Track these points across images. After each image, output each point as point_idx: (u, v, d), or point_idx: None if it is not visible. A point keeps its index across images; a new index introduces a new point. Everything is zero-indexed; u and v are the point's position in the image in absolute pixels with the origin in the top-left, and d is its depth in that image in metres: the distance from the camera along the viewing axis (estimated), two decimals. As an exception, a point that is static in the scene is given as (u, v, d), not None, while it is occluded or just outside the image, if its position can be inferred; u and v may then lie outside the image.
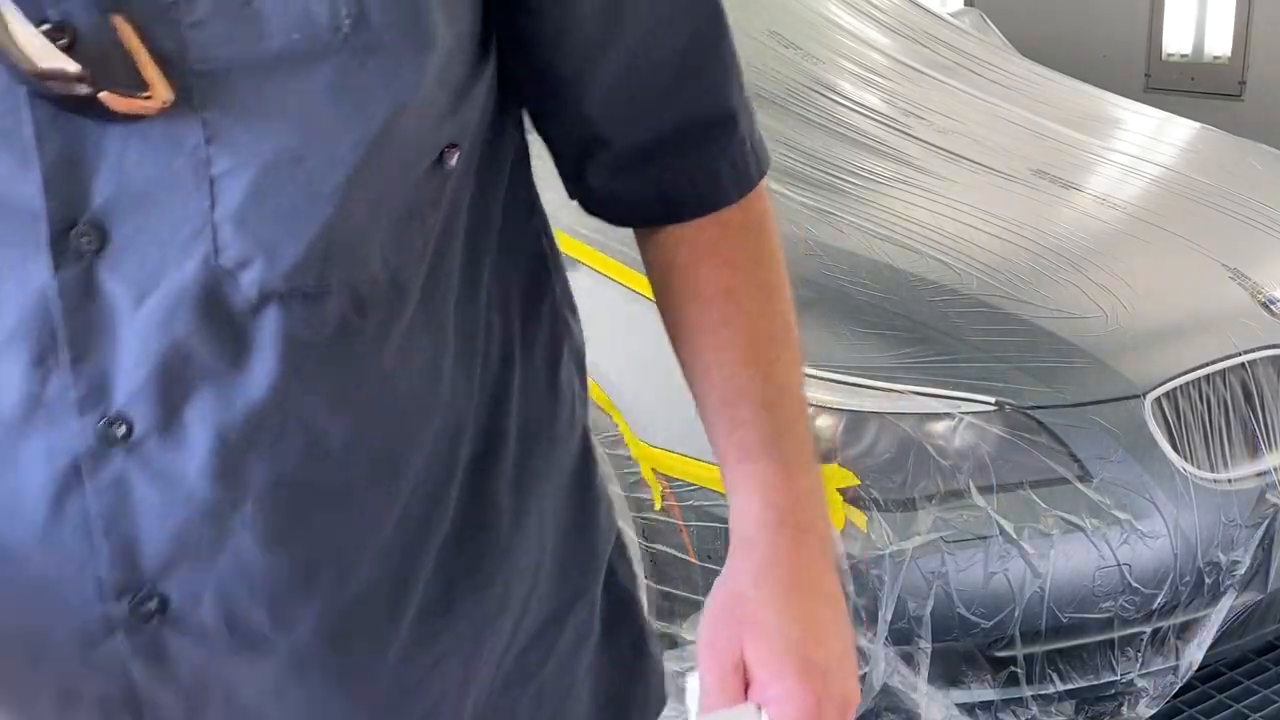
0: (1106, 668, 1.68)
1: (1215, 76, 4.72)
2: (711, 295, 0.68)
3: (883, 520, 1.58)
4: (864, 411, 1.64)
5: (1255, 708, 1.99)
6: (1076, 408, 1.65)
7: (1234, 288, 1.91)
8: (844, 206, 2.09)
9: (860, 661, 1.63)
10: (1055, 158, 2.46)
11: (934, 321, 1.76)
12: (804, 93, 2.64)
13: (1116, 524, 1.59)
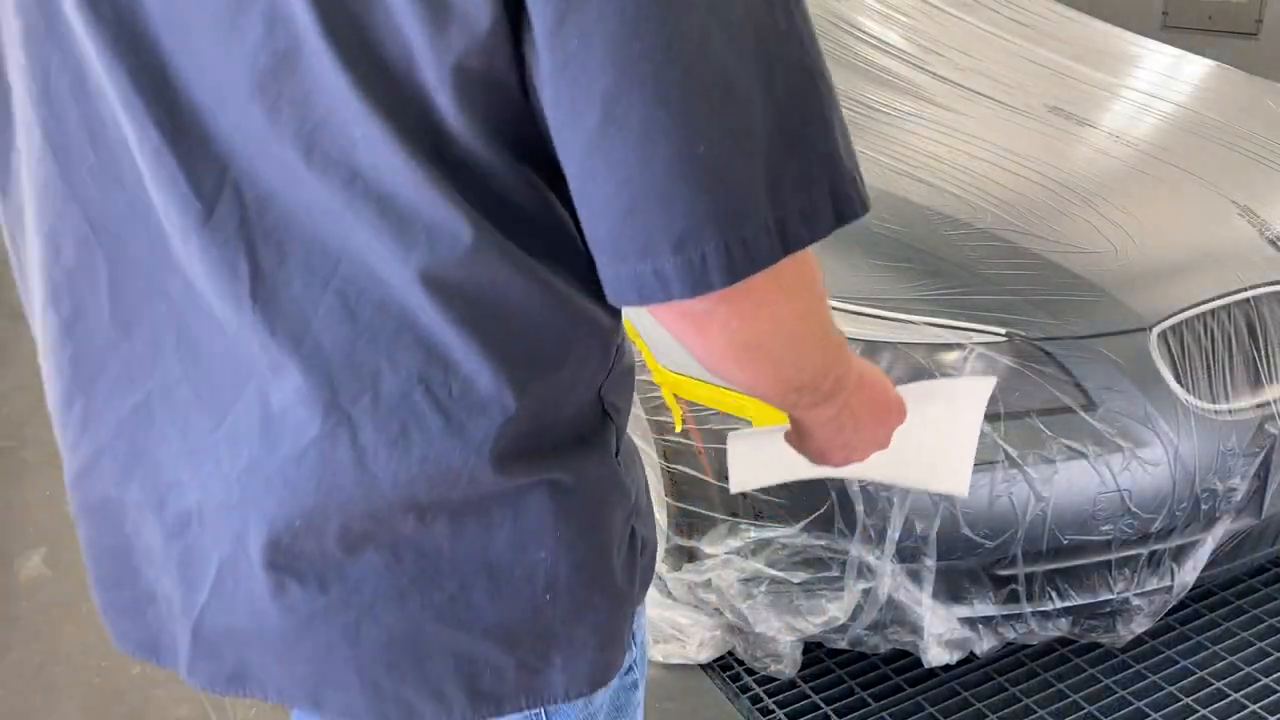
0: (1104, 587, 1.74)
1: (1232, 15, 4.67)
2: None
3: (893, 445, 1.64)
4: (878, 341, 1.68)
5: (1245, 626, 2.06)
6: (1084, 339, 1.68)
7: (1242, 224, 1.92)
8: (863, 141, 2.11)
9: (868, 577, 1.70)
10: (1071, 95, 2.46)
11: (948, 255, 1.78)
12: (826, 28, 2.64)
13: (1118, 451, 1.64)
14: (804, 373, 0.73)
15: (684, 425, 1.83)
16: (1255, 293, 1.80)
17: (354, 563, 0.71)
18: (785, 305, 0.68)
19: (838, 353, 0.76)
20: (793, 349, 0.71)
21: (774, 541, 1.74)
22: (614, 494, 0.78)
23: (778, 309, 0.67)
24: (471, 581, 0.72)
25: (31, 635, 2.27)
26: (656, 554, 0.88)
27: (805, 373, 0.73)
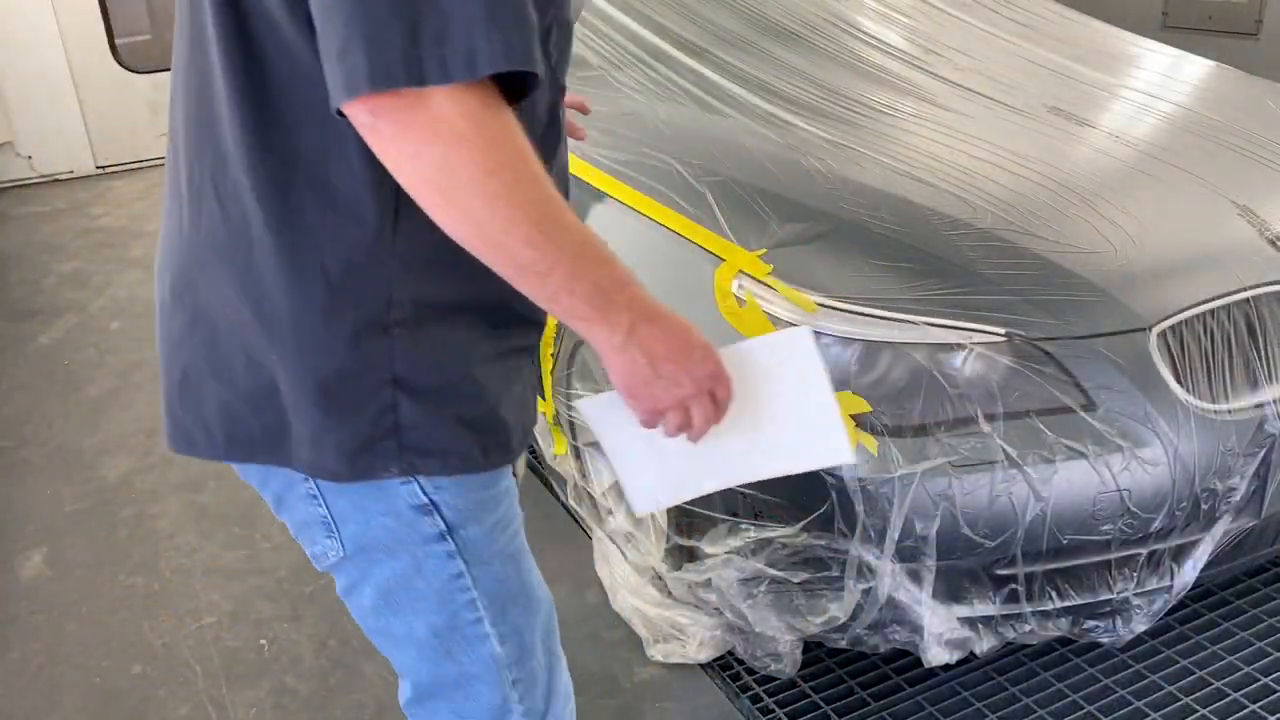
0: (1103, 586, 1.74)
1: (1232, 15, 4.67)
2: None
3: (893, 445, 1.63)
4: (878, 341, 1.68)
5: (1244, 626, 2.06)
6: (1084, 339, 1.68)
7: (1242, 224, 1.92)
8: (863, 141, 2.11)
9: (868, 577, 1.70)
10: (1071, 95, 2.46)
11: (948, 255, 1.78)
12: (826, 29, 2.64)
13: (1118, 451, 1.64)
14: (513, 242, 0.84)
15: (684, 425, 1.83)
16: (1255, 293, 1.80)
17: (177, 310, 1.00)
18: (458, 150, 0.81)
19: (564, 241, 0.86)
20: (486, 205, 0.82)
21: (774, 541, 1.74)
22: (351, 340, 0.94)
23: (449, 151, 0.81)
24: (234, 352, 0.96)
25: (31, 635, 2.27)
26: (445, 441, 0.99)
27: (515, 243, 0.84)
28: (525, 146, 0.84)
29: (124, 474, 2.92)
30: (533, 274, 0.86)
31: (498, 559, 1.07)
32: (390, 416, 0.96)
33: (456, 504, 1.03)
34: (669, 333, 0.94)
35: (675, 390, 0.95)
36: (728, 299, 1.77)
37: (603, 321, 0.90)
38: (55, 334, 3.92)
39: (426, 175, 0.82)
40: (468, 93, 0.80)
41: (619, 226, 2.02)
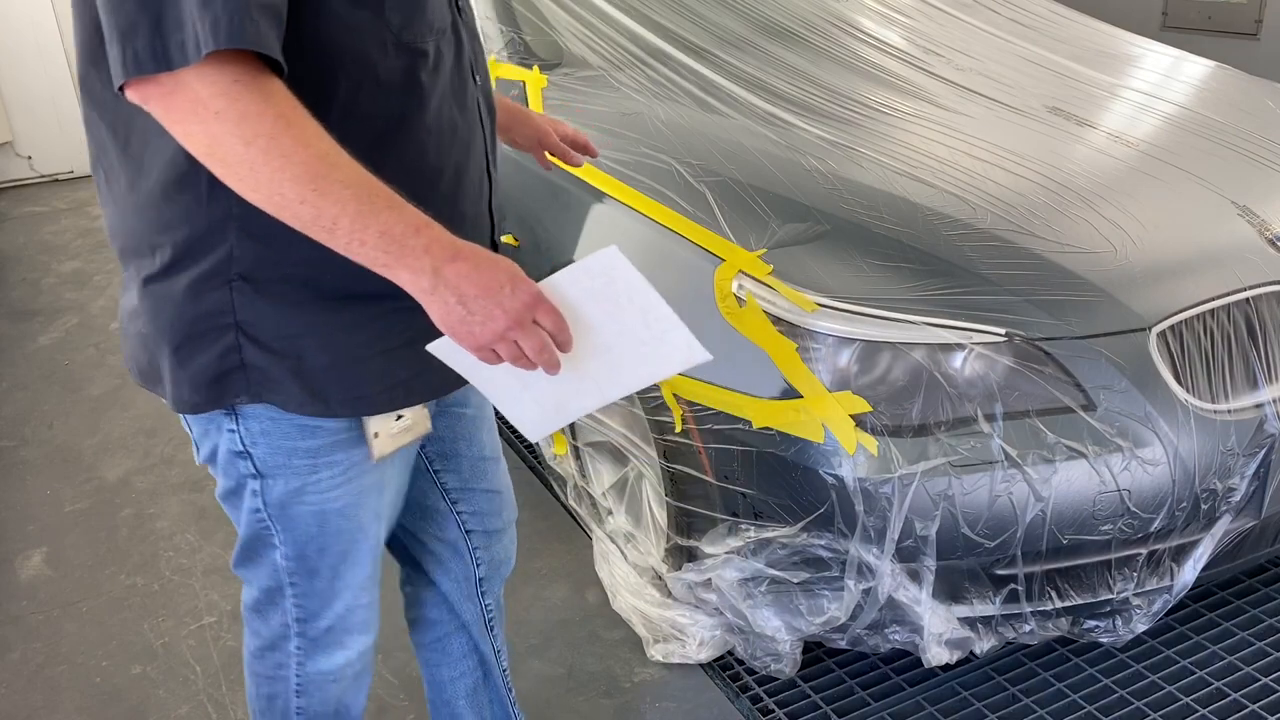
0: (1103, 586, 1.74)
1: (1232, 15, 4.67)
2: None
3: (893, 445, 1.64)
4: (877, 341, 1.68)
5: (1244, 626, 2.06)
6: (1083, 339, 1.69)
7: (1242, 224, 1.93)
8: (863, 141, 2.11)
9: (868, 577, 1.70)
10: (1071, 95, 2.46)
11: (948, 255, 1.78)
12: (826, 29, 2.64)
13: (1118, 451, 1.64)
14: (287, 201, 0.93)
15: (684, 425, 1.83)
16: (1255, 293, 1.80)
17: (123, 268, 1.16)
18: (216, 125, 0.90)
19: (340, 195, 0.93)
20: (251, 172, 0.92)
21: (774, 541, 1.75)
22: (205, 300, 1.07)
23: (209, 127, 0.91)
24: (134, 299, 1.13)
25: (31, 635, 2.27)
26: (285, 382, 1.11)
27: (290, 202, 0.93)
28: (286, 113, 0.92)
29: (124, 474, 2.92)
30: (320, 229, 0.94)
31: (306, 514, 1.20)
32: (236, 355, 1.09)
33: (269, 459, 1.16)
34: (477, 269, 0.98)
35: (492, 324, 0.99)
36: (728, 299, 1.77)
37: (403, 266, 0.96)
38: (55, 334, 3.93)
39: (201, 150, 0.93)
40: (217, 72, 0.89)
41: (619, 226, 2.02)
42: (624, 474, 2.27)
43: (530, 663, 2.11)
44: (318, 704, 1.38)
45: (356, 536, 1.26)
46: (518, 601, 2.30)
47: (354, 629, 1.33)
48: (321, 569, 1.26)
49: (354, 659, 1.36)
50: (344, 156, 0.94)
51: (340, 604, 1.30)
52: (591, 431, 2.26)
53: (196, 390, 1.11)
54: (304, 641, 1.32)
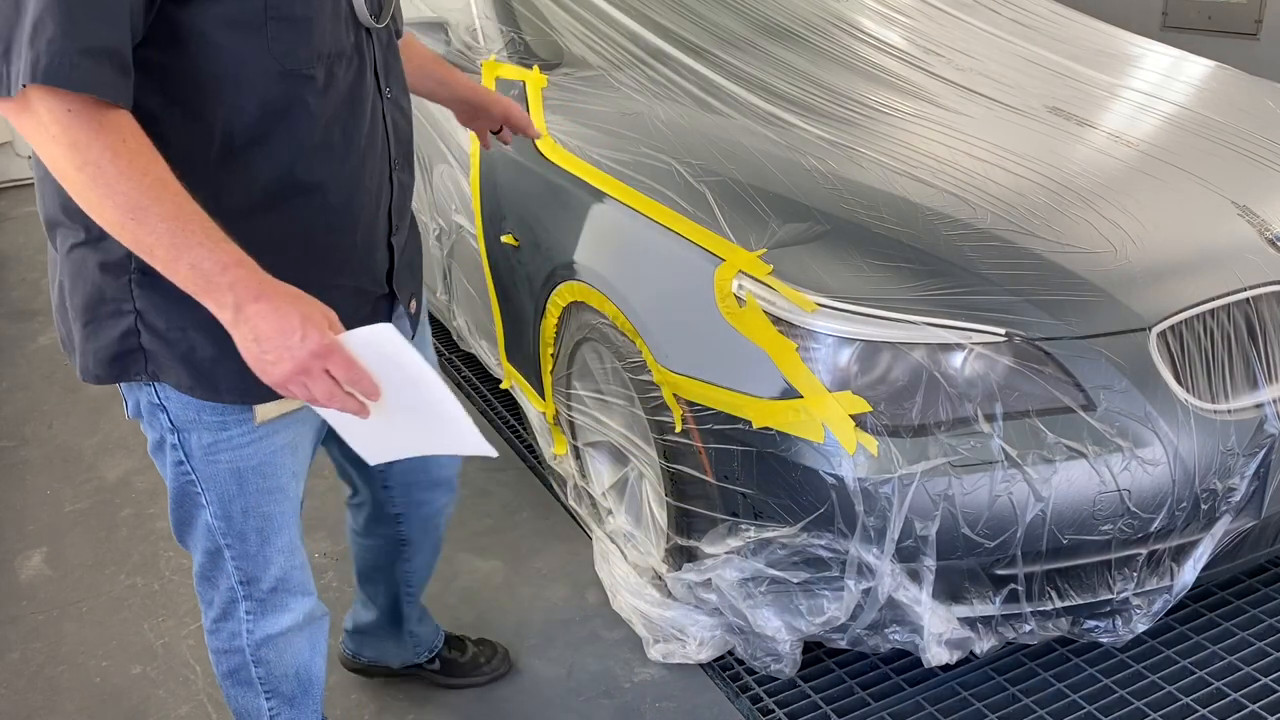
0: (1103, 586, 1.74)
1: (1232, 15, 4.67)
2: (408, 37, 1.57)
3: (893, 445, 1.64)
4: (877, 341, 1.68)
5: (1244, 626, 2.06)
6: (1083, 339, 1.68)
7: (1242, 224, 1.93)
8: (863, 141, 2.11)
9: (868, 577, 1.70)
10: (1071, 95, 2.46)
11: (948, 255, 1.78)
12: (826, 29, 2.64)
13: (1118, 451, 1.64)
14: (111, 225, 1.04)
15: (684, 425, 1.83)
16: (1255, 293, 1.80)
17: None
18: (52, 149, 1.01)
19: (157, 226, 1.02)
20: (81, 194, 1.03)
21: (774, 541, 1.75)
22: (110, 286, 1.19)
23: (48, 149, 1.02)
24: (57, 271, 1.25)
25: (31, 635, 2.27)
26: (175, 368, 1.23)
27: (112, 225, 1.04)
28: (114, 145, 1.01)
29: (124, 474, 2.92)
30: (141, 252, 1.05)
31: (221, 468, 1.32)
32: (134, 339, 1.22)
33: (181, 414, 1.28)
34: (275, 311, 1.07)
35: (281, 366, 1.08)
36: (728, 299, 1.77)
37: (209, 299, 1.07)
38: (55, 334, 3.93)
39: (48, 165, 1.04)
40: (55, 100, 0.99)
41: (619, 226, 2.02)
42: (624, 474, 2.27)
43: (530, 663, 2.11)
44: (277, 670, 1.50)
45: (277, 496, 1.36)
46: (518, 601, 2.30)
47: (294, 590, 1.45)
48: (249, 532, 1.37)
49: (300, 620, 1.48)
50: (170, 190, 1.03)
51: (276, 567, 1.41)
52: (591, 431, 2.27)
53: (100, 364, 1.24)
54: (252, 604, 1.43)
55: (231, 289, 1.06)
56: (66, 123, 1.00)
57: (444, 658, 2.04)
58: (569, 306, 2.17)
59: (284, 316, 1.07)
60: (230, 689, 1.52)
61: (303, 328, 1.07)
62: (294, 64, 1.16)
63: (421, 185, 2.90)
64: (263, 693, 1.52)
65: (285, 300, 1.08)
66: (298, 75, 1.17)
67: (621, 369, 2.01)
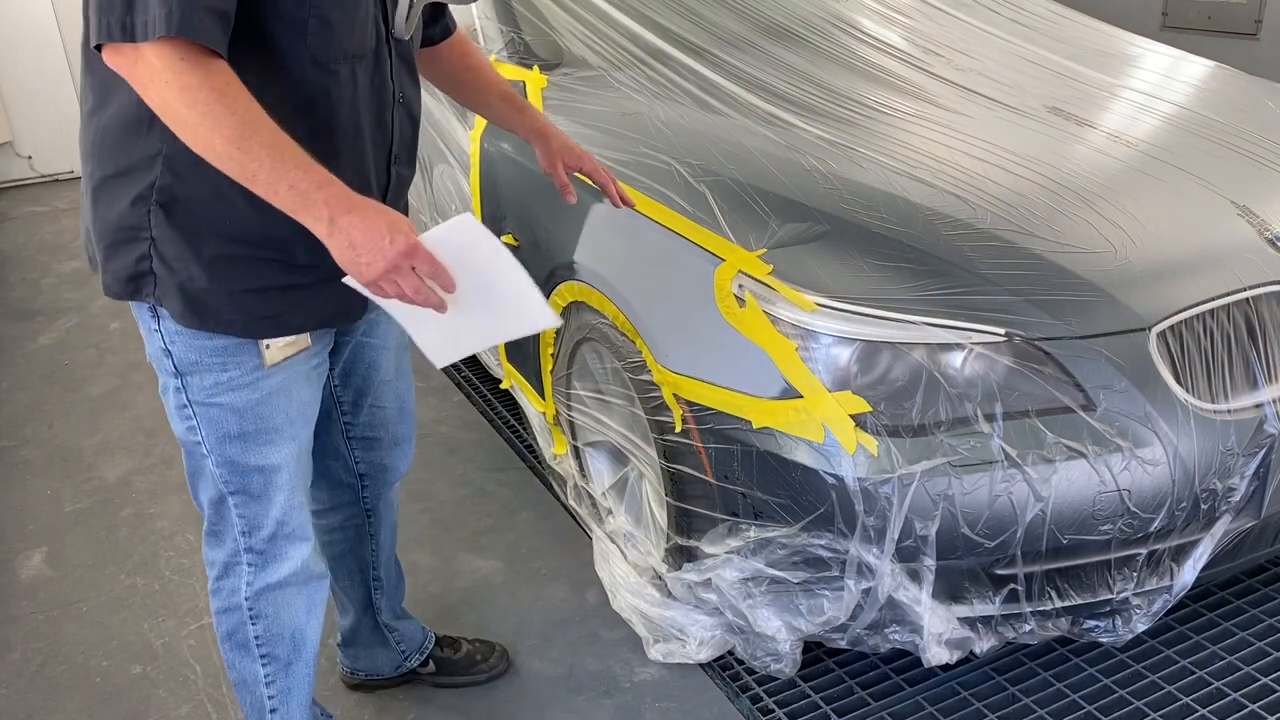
0: (1103, 586, 1.74)
1: (1232, 15, 4.67)
2: (481, 60, 1.80)
3: (893, 445, 1.64)
4: (877, 341, 1.68)
5: (1244, 626, 2.06)
6: (1083, 339, 1.69)
7: (1242, 224, 1.93)
8: (863, 141, 2.11)
9: (867, 577, 1.70)
10: (1071, 95, 2.46)
11: (948, 255, 1.78)
12: (826, 29, 2.64)
13: (1118, 451, 1.64)
14: (217, 155, 1.19)
15: (684, 425, 1.84)
16: (1254, 293, 1.80)
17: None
18: (165, 91, 1.17)
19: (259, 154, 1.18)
20: (190, 129, 1.18)
21: (774, 541, 1.75)
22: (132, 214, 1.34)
23: (160, 91, 1.17)
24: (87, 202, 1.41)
25: (31, 635, 2.27)
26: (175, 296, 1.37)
27: (218, 155, 1.19)
28: (220, 86, 1.17)
29: (124, 474, 2.92)
30: (244, 179, 1.20)
31: (218, 410, 1.44)
32: (147, 263, 1.37)
33: (185, 356, 1.42)
34: (365, 220, 1.22)
35: (375, 266, 1.22)
36: (728, 299, 1.77)
37: (307, 214, 1.21)
38: (55, 334, 3.93)
39: (156, 108, 1.19)
40: (170, 50, 1.15)
41: (619, 226, 2.02)
42: (624, 474, 2.27)
43: (530, 663, 2.11)
44: (274, 627, 1.59)
45: (273, 436, 1.48)
46: (518, 601, 2.30)
47: (293, 536, 1.55)
48: (249, 472, 1.49)
49: (298, 569, 1.57)
50: (267, 124, 1.19)
51: (276, 508, 1.52)
52: (591, 431, 2.27)
53: (118, 282, 1.39)
54: (253, 556, 1.54)
55: (326, 204, 1.21)
56: (179, 69, 1.15)
57: (437, 657, 2.04)
58: (569, 306, 2.17)
59: (373, 225, 1.22)
60: (229, 654, 1.62)
61: (390, 233, 1.22)
62: (325, 58, 1.33)
63: (422, 185, 2.90)
64: (259, 657, 1.60)
65: (373, 211, 1.23)
66: (326, 68, 1.33)
67: (621, 369, 2.01)
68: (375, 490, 1.83)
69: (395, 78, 1.48)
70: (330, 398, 1.70)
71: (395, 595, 1.98)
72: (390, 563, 1.94)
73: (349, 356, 1.68)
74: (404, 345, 1.76)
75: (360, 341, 1.67)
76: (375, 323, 1.67)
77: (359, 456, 1.79)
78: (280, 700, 1.64)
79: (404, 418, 1.81)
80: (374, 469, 1.81)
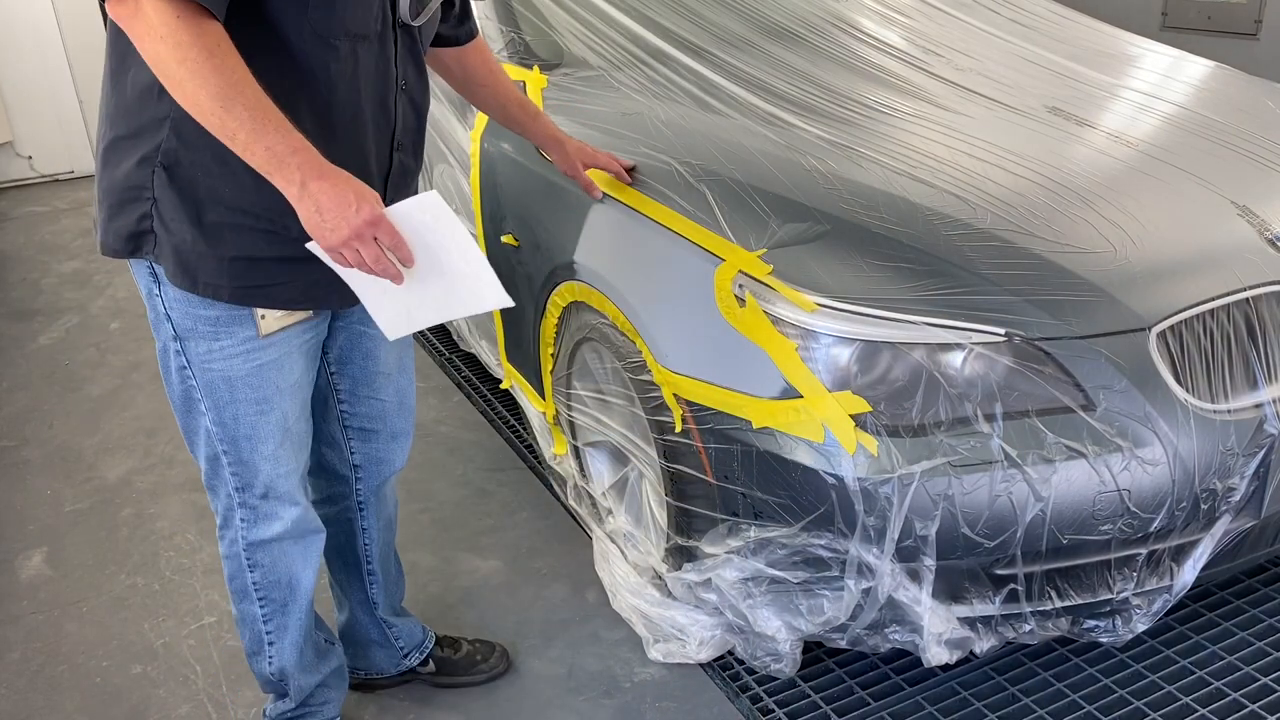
0: (1103, 586, 1.74)
1: (1232, 15, 4.67)
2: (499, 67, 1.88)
3: (893, 445, 1.64)
4: (877, 341, 1.68)
5: (1244, 626, 2.07)
6: (1083, 339, 1.68)
7: (1242, 224, 1.93)
8: (863, 141, 2.11)
9: (867, 576, 1.70)
10: (1071, 95, 2.46)
11: (948, 254, 1.78)
12: (826, 29, 2.64)
13: (1118, 451, 1.64)
14: (202, 111, 1.23)
15: (684, 425, 1.84)
16: (1254, 293, 1.80)
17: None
18: (159, 45, 1.22)
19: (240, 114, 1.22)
20: (179, 85, 1.23)
21: (774, 541, 1.75)
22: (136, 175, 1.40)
23: (155, 46, 1.22)
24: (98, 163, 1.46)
25: (31, 635, 2.27)
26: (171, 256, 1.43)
27: (203, 112, 1.23)
28: (210, 46, 1.22)
29: (124, 474, 2.92)
30: (225, 137, 1.25)
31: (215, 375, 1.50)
32: (148, 222, 1.42)
33: (183, 322, 1.48)
34: (334, 188, 1.27)
35: (338, 232, 1.28)
36: (728, 299, 1.77)
37: (280, 176, 1.27)
38: (55, 334, 3.93)
39: (150, 60, 1.25)
40: (166, 5, 1.20)
41: (619, 226, 2.02)
42: (624, 474, 2.27)
43: (530, 663, 2.11)
44: (270, 575, 1.68)
45: (264, 407, 1.54)
46: (518, 601, 2.30)
47: (283, 498, 1.62)
48: (240, 439, 1.55)
49: (290, 528, 1.65)
50: (252, 87, 1.24)
51: (264, 474, 1.59)
52: (591, 431, 2.27)
53: (118, 239, 1.44)
54: (246, 512, 1.62)
55: (299, 168, 1.26)
56: (174, 26, 1.21)
57: (438, 657, 2.05)
58: (569, 306, 2.17)
59: (341, 193, 1.27)
60: (232, 594, 1.72)
61: (357, 202, 1.28)
62: (325, 32, 1.36)
63: (422, 185, 2.90)
64: (256, 600, 1.70)
65: (342, 180, 1.28)
66: (326, 43, 1.37)
67: (621, 369, 2.02)
68: (369, 484, 1.85)
69: (400, 64, 1.51)
70: (327, 384, 1.73)
71: (394, 592, 1.98)
72: (388, 558, 1.95)
73: (344, 343, 1.71)
74: (408, 341, 1.78)
75: (357, 330, 1.70)
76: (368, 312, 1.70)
77: (355, 448, 1.81)
78: (277, 635, 1.74)
79: (403, 412, 1.83)
80: (369, 460, 1.83)
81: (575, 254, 2.09)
